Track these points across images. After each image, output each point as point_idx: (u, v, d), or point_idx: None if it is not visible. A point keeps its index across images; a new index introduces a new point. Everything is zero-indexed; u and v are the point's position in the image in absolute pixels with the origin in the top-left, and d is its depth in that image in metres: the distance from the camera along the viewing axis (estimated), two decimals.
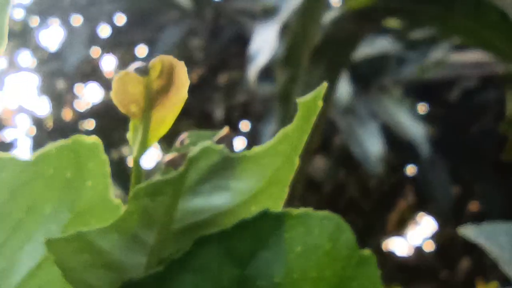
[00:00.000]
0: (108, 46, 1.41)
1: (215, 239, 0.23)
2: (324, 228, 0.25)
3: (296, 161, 0.25)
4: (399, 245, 1.81)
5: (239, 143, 1.35)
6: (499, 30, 0.66)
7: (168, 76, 0.22)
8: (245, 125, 1.46)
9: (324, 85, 0.25)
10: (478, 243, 0.37)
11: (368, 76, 1.15)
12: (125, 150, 1.79)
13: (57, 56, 1.36)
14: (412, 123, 1.12)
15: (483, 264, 1.54)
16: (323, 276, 0.25)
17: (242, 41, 1.34)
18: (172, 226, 0.22)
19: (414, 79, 1.13)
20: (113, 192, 0.28)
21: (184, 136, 0.24)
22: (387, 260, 1.70)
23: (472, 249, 1.54)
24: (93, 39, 1.34)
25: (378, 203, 1.40)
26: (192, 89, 1.31)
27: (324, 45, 0.71)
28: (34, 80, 1.46)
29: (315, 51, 0.70)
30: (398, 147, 1.19)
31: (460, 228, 0.39)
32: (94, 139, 0.26)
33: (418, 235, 1.75)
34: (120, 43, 1.41)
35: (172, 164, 0.23)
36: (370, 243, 1.64)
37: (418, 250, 1.71)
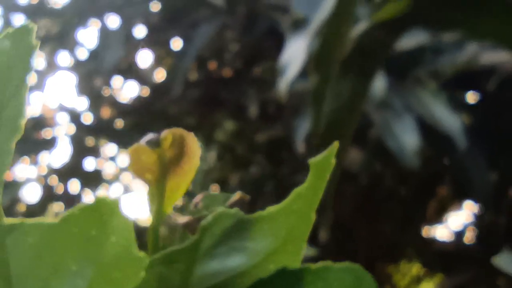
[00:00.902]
0: (144, 44, 1.43)
1: None
2: (343, 280, 0.26)
3: (313, 217, 0.25)
4: (440, 232, 1.80)
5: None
6: None
7: (179, 146, 0.23)
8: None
9: (336, 144, 0.25)
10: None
11: (403, 69, 1.13)
12: None
13: (94, 55, 1.38)
14: (448, 115, 1.10)
15: None
16: None
17: (276, 34, 1.34)
18: None
19: (450, 70, 1.11)
20: (136, 244, 0.28)
21: (198, 199, 0.25)
22: (428, 247, 1.69)
23: None
24: (129, 39, 1.36)
25: (417, 192, 1.39)
26: (226, 82, 1.32)
27: (353, 54, 0.70)
28: (73, 79, 1.48)
29: (345, 61, 0.70)
30: (435, 138, 1.18)
31: (495, 258, 0.39)
32: (115, 198, 0.26)
33: (459, 221, 1.73)
34: (155, 42, 1.42)
35: (187, 227, 0.24)
36: (411, 231, 1.63)
37: (459, 236, 1.70)
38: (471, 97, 1.24)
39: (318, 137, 0.73)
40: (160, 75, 1.64)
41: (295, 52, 0.76)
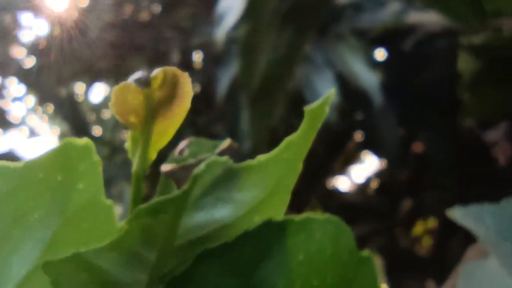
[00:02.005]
0: None
1: (216, 253, 0.22)
2: (325, 232, 0.24)
3: (300, 167, 0.24)
4: (344, 184, 1.84)
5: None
6: None
7: (171, 87, 0.20)
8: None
9: (332, 91, 0.23)
10: (465, 225, 0.37)
11: (324, 24, 1.13)
12: (75, 85, 1.73)
13: None
14: (366, 71, 1.11)
15: (424, 204, 1.58)
16: (325, 282, 0.24)
17: None
18: (174, 243, 0.21)
19: (370, 27, 1.12)
20: (104, 193, 0.26)
21: (183, 146, 0.22)
22: (331, 198, 1.72)
23: (414, 189, 1.58)
24: None
25: (328, 147, 1.40)
26: (145, 27, 1.26)
27: (293, 8, 0.68)
28: None
29: (284, 14, 0.68)
30: (351, 94, 1.19)
31: (448, 211, 0.39)
32: (86, 141, 0.24)
33: (361, 174, 1.77)
34: None
35: (171, 175, 0.22)
36: (316, 181, 1.66)
37: (361, 188, 1.74)
38: (387, 54, 1.25)
39: (251, 90, 0.71)
40: (73, 14, 1.56)
41: (233, 0, 0.73)
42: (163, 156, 0.22)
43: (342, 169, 1.74)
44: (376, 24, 1.10)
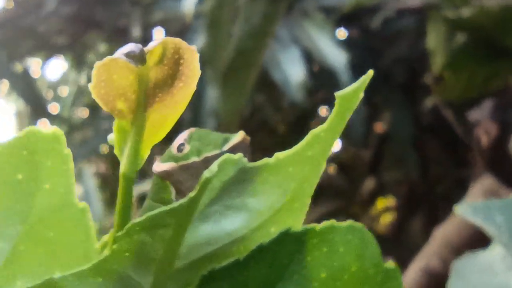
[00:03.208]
0: None
1: (226, 274, 0.17)
2: (349, 243, 0.20)
3: (324, 165, 0.19)
4: None
5: None
6: None
7: (172, 64, 0.15)
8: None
9: (370, 73, 0.18)
10: (475, 222, 0.33)
11: (290, 0, 1.07)
12: (30, 61, 1.64)
13: None
14: (333, 49, 1.07)
15: (384, 182, 1.56)
16: None
17: None
18: (174, 264, 0.16)
19: (338, 4, 1.07)
20: (76, 192, 0.21)
21: (182, 139, 0.17)
22: None
23: (375, 168, 1.55)
24: None
25: (292, 125, 1.36)
26: (104, 1, 1.19)
27: None
28: None
29: None
30: (317, 72, 1.15)
31: (457, 207, 0.35)
32: (54, 130, 0.18)
33: None
34: None
35: (168, 177, 0.17)
36: None
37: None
38: (354, 33, 1.21)
39: (221, 65, 0.65)
40: None
41: None
42: (155, 150, 0.17)
43: None
44: (343, 2, 1.05)
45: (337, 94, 0.17)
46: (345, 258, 0.20)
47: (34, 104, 1.57)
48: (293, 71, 1.04)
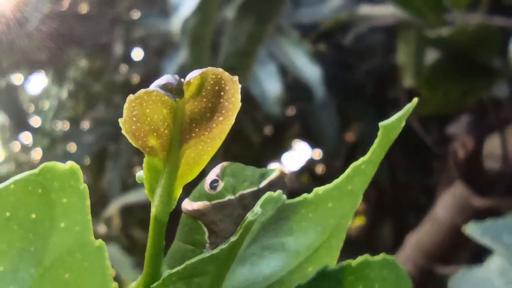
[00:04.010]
0: None
1: None
2: (385, 281, 0.18)
3: (361, 198, 0.17)
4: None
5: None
6: None
7: (211, 97, 0.13)
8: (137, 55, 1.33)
9: (415, 101, 0.16)
10: (483, 242, 0.32)
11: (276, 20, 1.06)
12: (13, 76, 1.60)
13: None
14: (307, 64, 1.05)
15: None
16: None
17: None
18: None
19: (311, 22, 1.06)
20: (92, 230, 0.18)
21: (215, 175, 0.15)
22: None
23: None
24: None
25: (267, 137, 1.34)
26: (84, 19, 1.15)
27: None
28: None
29: (244, 4, 0.60)
30: (293, 86, 1.13)
31: (465, 227, 0.33)
32: (71, 164, 0.16)
33: (292, 162, 1.72)
34: None
35: (200, 216, 0.14)
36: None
37: (296, 176, 1.69)
38: (327, 48, 1.20)
39: None
40: (11, 6, 1.43)
41: None
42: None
43: (276, 156, 1.69)
44: (317, 18, 1.04)
45: (381, 124, 0.15)
46: None
47: (16, 117, 1.53)
48: (270, 86, 1.02)
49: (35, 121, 1.63)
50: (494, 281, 0.35)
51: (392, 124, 0.15)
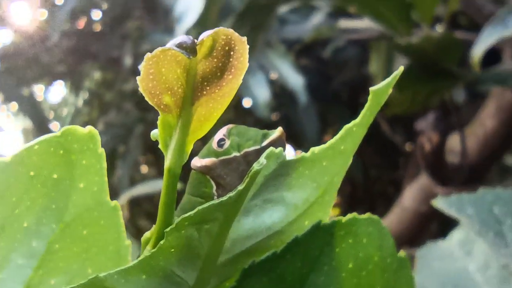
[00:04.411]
0: None
1: (265, 267, 0.14)
2: (370, 235, 0.17)
3: (351, 159, 0.16)
4: None
5: None
6: (391, 3, 0.60)
7: (222, 57, 0.12)
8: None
9: (401, 69, 0.16)
10: (449, 213, 0.31)
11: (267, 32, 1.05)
12: (35, 86, 1.58)
13: None
14: (293, 74, 1.05)
15: None
16: None
17: None
18: (218, 259, 0.13)
19: (296, 37, 1.05)
20: (108, 191, 0.17)
21: (222, 135, 0.14)
22: None
23: None
24: None
25: None
26: (98, 36, 1.15)
27: (246, 10, 0.60)
28: None
29: (239, 15, 0.60)
30: (279, 93, 1.13)
31: (434, 201, 0.32)
32: (90, 129, 0.15)
33: None
34: None
35: (208, 171, 0.14)
36: None
37: None
38: (309, 61, 1.20)
39: None
40: (33, 24, 1.41)
41: (190, 1, 0.64)
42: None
43: None
44: (300, 34, 1.04)
45: (371, 89, 0.14)
46: (368, 249, 0.17)
47: (38, 122, 1.51)
48: (260, 93, 1.02)
49: (55, 126, 1.61)
50: (454, 252, 0.35)
51: (381, 89, 0.15)
